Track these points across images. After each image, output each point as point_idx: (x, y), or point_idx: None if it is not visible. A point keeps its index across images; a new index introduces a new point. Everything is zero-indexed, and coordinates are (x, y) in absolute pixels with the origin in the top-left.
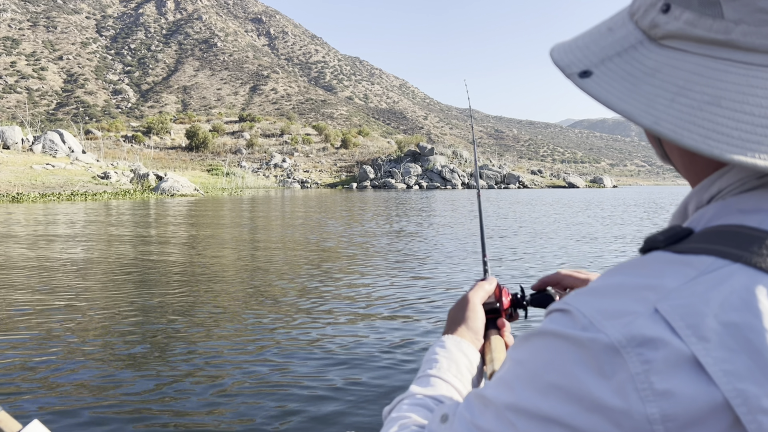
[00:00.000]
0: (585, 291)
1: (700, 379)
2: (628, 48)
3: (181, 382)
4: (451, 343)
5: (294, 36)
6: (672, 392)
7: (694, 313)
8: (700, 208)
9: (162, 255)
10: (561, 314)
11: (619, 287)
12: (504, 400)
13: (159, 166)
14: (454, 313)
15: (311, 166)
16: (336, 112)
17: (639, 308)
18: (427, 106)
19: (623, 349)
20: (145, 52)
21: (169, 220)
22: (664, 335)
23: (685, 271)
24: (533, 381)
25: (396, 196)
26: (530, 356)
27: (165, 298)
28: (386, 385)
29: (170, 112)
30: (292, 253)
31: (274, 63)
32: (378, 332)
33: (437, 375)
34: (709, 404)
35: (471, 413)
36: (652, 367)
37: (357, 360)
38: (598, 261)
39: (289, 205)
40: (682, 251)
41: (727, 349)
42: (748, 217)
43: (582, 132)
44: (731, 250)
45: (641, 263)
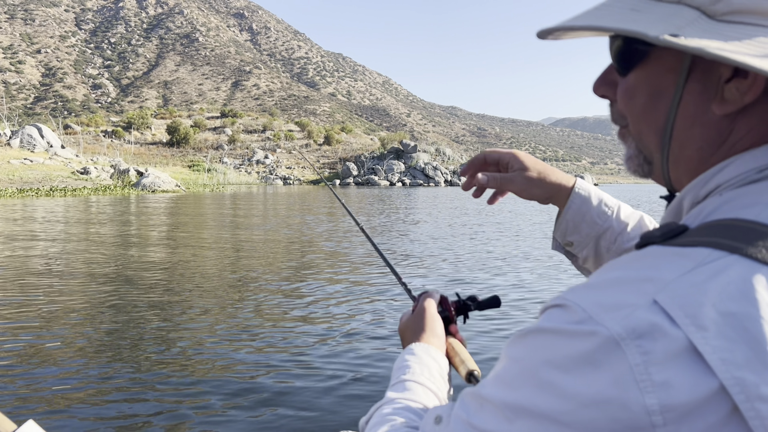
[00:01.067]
0: (582, 286)
1: (698, 369)
2: (692, 21)
3: (168, 380)
4: (419, 349)
5: (277, 32)
6: (671, 382)
7: (693, 303)
8: (696, 204)
9: (144, 253)
10: (558, 309)
11: (617, 281)
12: (501, 398)
13: (140, 162)
14: (413, 324)
15: (294, 163)
16: (319, 108)
17: (638, 300)
18: (410, 104)
19: (623, 342)
20: (126, 47)
21: (151, 216)
22: (663, 326)
23: (683, 262)
24: (530, 378)
25: (379, 193)
26: (527, 353)
27: (148, 297)
28: (374, 383)
29: (151, 107)
30: (274, 252)
31: (256, 58)
32: (363, 330)
33: (412, 379)
34: (707, 393)
35: (467, 412)
36: (651, 358)
37: (340, 358)
38: None
39: (272, 202)
40: (678, 245)
41: (725, 338)
42: (746, 210)
43: (563, 130)
44: (728, 242)
45: (638, 257)
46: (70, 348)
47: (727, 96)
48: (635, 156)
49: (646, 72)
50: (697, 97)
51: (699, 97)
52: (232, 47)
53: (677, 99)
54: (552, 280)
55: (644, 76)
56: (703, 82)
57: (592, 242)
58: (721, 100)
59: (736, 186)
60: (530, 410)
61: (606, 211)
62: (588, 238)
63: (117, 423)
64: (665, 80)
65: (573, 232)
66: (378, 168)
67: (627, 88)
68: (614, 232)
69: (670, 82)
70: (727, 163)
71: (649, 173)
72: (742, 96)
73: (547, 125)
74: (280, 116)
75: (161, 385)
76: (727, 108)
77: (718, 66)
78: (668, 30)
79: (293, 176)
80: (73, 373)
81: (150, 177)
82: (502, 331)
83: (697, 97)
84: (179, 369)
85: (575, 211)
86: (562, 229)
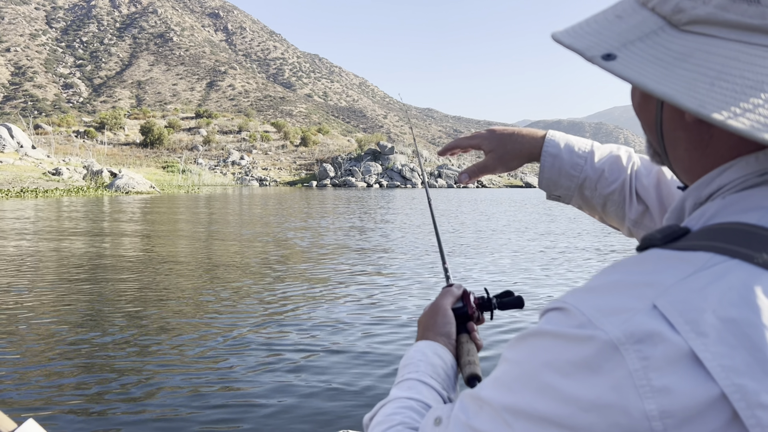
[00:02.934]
0: (582, 289)
1: (698, 375)
2: (649, 33)
3: (149, 383)
4: (426, 347)
5: (252, 32)
6: (670, 388)
7: (693, 309)
8: (698, 206)
9: (120, 256)
10: (558, 313)
11: (617, 284)
12: (500, 401)
13: (113, 163)
14: (425, 320)
15: (270, 164)
16: (295, 109)
17: (637, 305)
18: (387, 105)
19: (622, 346)
20: (98, 46)
21: (125, 219)
22: (662, 331)
23: (683, 267)
24: (530, 381)
25: (356, 194)
26: (526, 356)
27: (124, 303)
28: (357, 384)
29: (124, 107)
30: (250, 258)
31: (231, 59)
32: (340, 330)
33: (417, 378)
34: (707, 400)
35: (466, 414)
36: (651, 363)
37: (322, 360)
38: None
39: (248, 204)
40: (679, 248)
41: (725, 345)
42: (747, 214)
43: None
44: (729, 247)
45: (639, 261)
46: (45, 352)
47: None
48: (648, 146)
49: None
50: None
51: None
52: (207, 47)
53: (660, 102)
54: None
55: None
56: None
57: (576, 193)
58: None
59: (737, 189)
60: (529, 414)
61: (579, 162)
62: (570, 190)
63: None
64: None
65: (555, 188)
66: (355, 170)
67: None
68: (592, 181)
69: None
70: (729, 166)
71: (662, 163)
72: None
73: (522, 127)
74: (256, 117)
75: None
76: (691, 116)
77: None
78: (613, 47)
79: (269, 177)
80: (48, 376)
81: (124, 178)
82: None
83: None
84: (162, 371)
85: (549, 169)
86: (544, 186)
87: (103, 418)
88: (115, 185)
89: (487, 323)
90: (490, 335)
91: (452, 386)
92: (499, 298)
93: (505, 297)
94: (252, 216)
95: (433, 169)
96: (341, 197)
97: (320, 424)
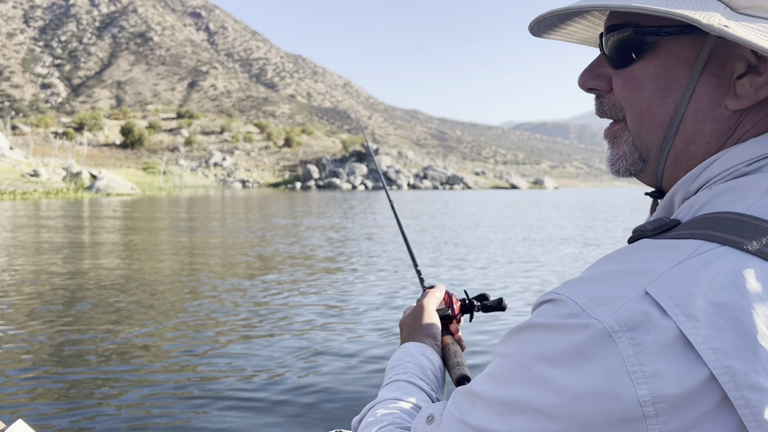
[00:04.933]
0: (575, 280)
1: (689, 358)
2: (723, 13)
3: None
4: (413, 348)
5: (234, 31)
6: (662, 373)
7: (684, 293)
8: (687, 199)
9: (102, 261)
10: (551, 305)
11: (610, 274)
12: (494, 394)
13: (92, 164)
14: (410, 322)
15: (253, 165)
16: (278, 110)
17: (630, 292)
18: (371, 106)
19: (615, 334)
20: (77, 45)
21: (105, 222)
22: (654, 317)
23: (674, 254)
24: (523, 374)
25: (341, 196)
26: (519, 349)
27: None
28: (336, 389)
29: (104, 107)
30: (231, 263)
31: (213, 58)
32: (323, 336)
33: (405, 379)
34: (698, 383)
35: (459, 411)
36: (643, 349)
37: (307, 363)
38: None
39: (230, 207)
40: (670, 237)
41: (715, 328)
42: (736, 203)
43: (523, 134)
44: (719, 234)
45: (630, 250)
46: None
47: (740, 92)
48: (629, 154)
49: (655, 63)
50: (712, 90)
51: (713, 91)
52: (189, 47)
53: (690, 92)
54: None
55: (653, 67)
56: (718, 75)
57: None
58: (734, 96)
59: (726, 179)
60: (523, 405)
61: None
62: None
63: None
64: (677, 72)
65: None
66: (340, 171)
67: (631, 79)
68: None
69: (683, 74)
70: (717, 157)
71: (638, 172)
72: (756, 92)
73: (507, 129)
74: (239, 118)
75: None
76: (741, 103)
77: (733, 61)
78: (711, 18)
79: (252, 179)
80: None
81: (104, 180)
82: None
83: (712, 90)
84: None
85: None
86: None
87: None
88: (95, 187)
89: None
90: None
91: (440, 387)
92: (480, 300)
93: (485, 300)
94: (236, 219)
95: (419, 171)
96: (326, 199)
97: (306, 425)
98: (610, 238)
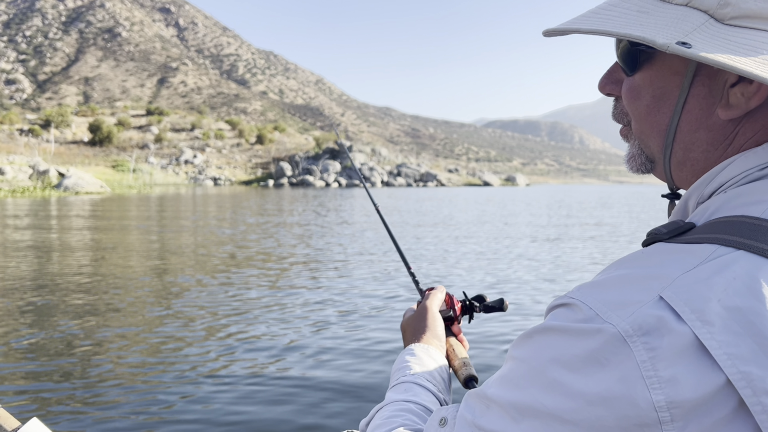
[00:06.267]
0: (589, 284)
1: (704, 364)
2: (699, 27)
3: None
4: (419, 350)
5: (205, 27)
6: (678, 378)
7: (699, 299)
8: (701, 203)
9: (72, 262)
10: (564, 309)
11: (624, 278)
12: (508, 398)
13: (60, 162)
14: (414, 323)
15: (224, 163)
16: (250, 106)
17: (644, 297)
18: (344, 103)
19: (629, 339)
20: (42, 40)
21: (76, 221)
22: (669, 322)
23: (689, 259)
24: (537, 378)
25: (314, 193)
26: (533, 353)
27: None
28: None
29: (71, 104)
30: (204, 262)
31: (183, 54)
32: (300, 336)
33: (413, 381)
34: (714, 388)
35: (472, 414)
36: (658, 354)
37: (281, 362)
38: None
39: (202, 205)
40: (684, 241)
41: (731, 333)
42: (750, 207)
43: (495, 131)
44: (733, 238)
45: (644, 255)
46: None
47: (732, 101)
48: (637, 155)
49: (651, 73)
50: (702, 101)
51: (704, 101)
52: (158, 42)
53: (682, 102)
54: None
55: (649, 78)
56: (708, 86)
57: None
58: (726, 105)
59: (739, 184)
60: (537, 410)
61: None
62: None
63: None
64: (670, 83)
65: None
66: (313, 168)
67: (631, 88)
68: None
69: (675, 85)
70: (730, 162)
71: (651, 170)
72: (748, 101)
73: (479, 126)
74: (210, 114)
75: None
76: (732, 113)
77: (724, 71)
78: (676, 37)
79: (224, 176)
80: None
81: (72, 178)
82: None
83: (702, 101)
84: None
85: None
86: None
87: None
88: (64, 185)
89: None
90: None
91: (446, 389)
92: (478, 301)
93: (483, 300)
94: (206, 217)
95: (393, 168)
96: (300, 197)
97: (301, 426)
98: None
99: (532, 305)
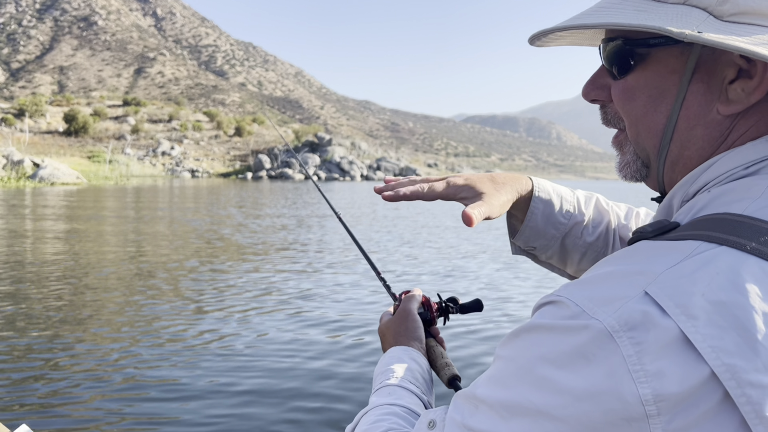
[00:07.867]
0: (575, 282)
1: (689, 357)
2: (701, 23)
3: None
4: (402, 353)
5: (183, 17)
6: (664, 372)
7: (683, 293)
8: (686, 202)
9: (50, 255)
10: (551, 306)
11: (609, 275)
12: (497, 397)
13: (34, 152)
14: (395, 326)
15: (202, 155)
16: (228, 98)
17: (629, 293)
18: (324, 96)
19: (615, 334)
20: (16, 27)
21: (50, 212)
22: (654, 316)
23: (673, 255)
24: (525, 376)
25: (294, 187)
26: (520, 352)
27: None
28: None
29: (45, 93)
30: (182, 256)
31: (161, 45)
32: (276, 328)
33: (396, 384)
34: (699, 381)
35: (461, 415)
36: (644, 348)
37: (255, 357)
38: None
39: (179, 197)
40: (669, 239)
41: (715, 326)
42: (733, 205)
43: (474, 127)
44: (717, 234)
45: (629, 252)
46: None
47: (731, 96)
48: (633, 162)
49: (646, 74)
50: (701, 97)
51: (703, 98)
52: (135, 32)
53: (680, 100)
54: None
55: (644, 78)
56: (707, 82)
57: (558, 242)
58: (726, 101)
59: (724, 182)
60: (526, 407)
61: (569, 209)
62: (553, 239)
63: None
64: (667, 81)
65: (537, 238)
66: (292, 161)
67: (625, 90)
68: (579, 227)
69: (673, 84)
70: (714, 161)
71: (645, 177)
72: (748, 96)
73: (458, 121)
74: (187, 106)
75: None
76: (732, 108)
77: (723, 67)
78: (687, 27)
79: (201, 168)
80: None
81: (48, 168)
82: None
83: (701, 97)
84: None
85: (539, 216)
86: (525, 237)
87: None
88: (39, 176)
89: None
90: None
91: (429, 390)
92: (451, 303)
93: (455, 302)
94: (184, 210)
95: (372, 162)
96: (279, 190)
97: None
98: None
99: (508, 305)
